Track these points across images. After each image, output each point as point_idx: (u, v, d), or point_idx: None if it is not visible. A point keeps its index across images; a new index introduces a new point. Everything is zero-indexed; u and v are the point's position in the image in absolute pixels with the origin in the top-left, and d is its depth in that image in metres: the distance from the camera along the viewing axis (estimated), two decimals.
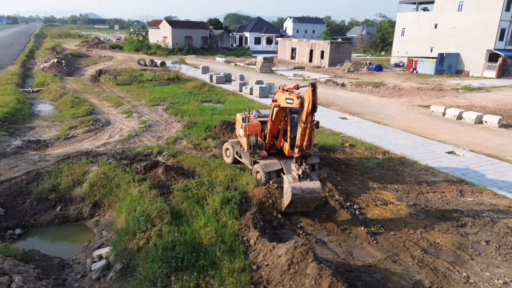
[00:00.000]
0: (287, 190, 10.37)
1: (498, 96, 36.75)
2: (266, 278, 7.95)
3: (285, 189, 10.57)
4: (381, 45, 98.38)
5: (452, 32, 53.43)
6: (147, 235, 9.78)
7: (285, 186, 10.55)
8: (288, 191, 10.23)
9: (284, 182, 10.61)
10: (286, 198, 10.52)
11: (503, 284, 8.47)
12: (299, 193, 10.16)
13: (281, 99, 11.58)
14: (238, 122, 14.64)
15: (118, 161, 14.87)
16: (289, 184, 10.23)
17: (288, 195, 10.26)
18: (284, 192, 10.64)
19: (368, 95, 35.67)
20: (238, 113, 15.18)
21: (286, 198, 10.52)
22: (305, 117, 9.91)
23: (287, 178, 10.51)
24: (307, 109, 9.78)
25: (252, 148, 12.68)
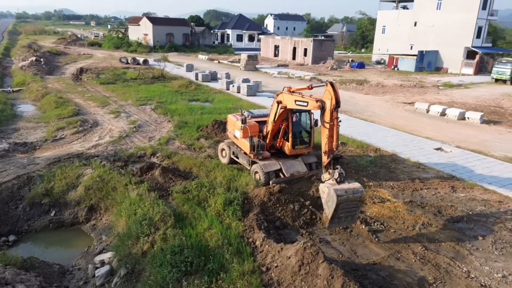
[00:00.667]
0: (328, 197, 9.45)
1: (477, 93, 37.89)
2: (277, 279, 8.01)
3: (325, 198, 9.60)
4: (361, 43, 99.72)
5: (431, 30, 54.68)
6: (151, 239, 9.67)
7: (324, 195, 9.64)
8: (331, 196, 9.30)
9: (322, 191, 9.76)
10: (329, 206, 9.45)
11: (502, 277, 8.80)
12: (343, 194, 9.25)
13: (288, 101, 11.59)
14: (231, 124, 14.56)
15: (112, 163, 14.61)
16: (329, 189, 9.40)
17: (332, 200, 9.27)
18: (325, 202, 9.62)
19: (353, 93, 36.14)
20: (229, 114, 15.11)
21: (329, 206, 9.45)
22: (330, 115, 9.76)
23: (324, 185, 9.73)
24: (331, 106, 9.68)
25: (256, 150, 12.68)
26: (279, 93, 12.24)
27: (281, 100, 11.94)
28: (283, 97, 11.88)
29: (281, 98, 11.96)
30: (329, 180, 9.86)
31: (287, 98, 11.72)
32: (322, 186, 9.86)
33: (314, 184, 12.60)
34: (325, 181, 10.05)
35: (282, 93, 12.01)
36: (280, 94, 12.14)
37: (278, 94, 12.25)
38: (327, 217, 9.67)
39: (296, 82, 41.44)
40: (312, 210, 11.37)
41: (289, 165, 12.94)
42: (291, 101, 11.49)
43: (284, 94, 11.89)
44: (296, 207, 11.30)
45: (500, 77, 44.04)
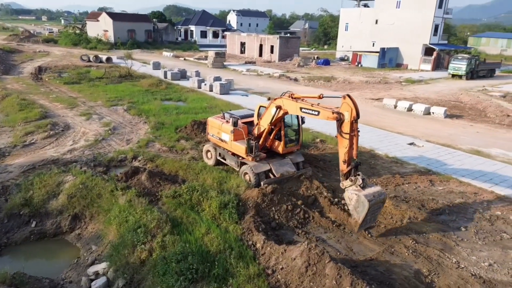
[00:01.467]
0: (357, 203, 10.02)
1: (437, 88, 39.90)
2: (284, 281, 8.10)
3: (353, 205, 10.15)
4: (324, 39, 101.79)
5: (392, 27, 56.81)
6: (148, 247, 9.43)
7: (352, 202, 10.17)
8: (362, 202, 9.89)
9: (349, 198, 10.26)
10: (359, 212, 10.03)
11: (488, 266, 9.41)
12: (372, 199, 9.91)
13: (291, 107, 11.61)
14: (213, 127, 14.33)
15: (92, 168, 14.05)
16: (358, 195, 9.97)
17: (363, 206, 9.86)
18: (353, 208, 10.16)
19: (322, 90, 36.82)
20: (210, 117, 14.88)
21: (359, 211, 10.03)
22: (350, 126, 10.05)
23: (351, 192, 10.22)
24: (351, 118, 9.98)
25: (254, 152, 12.67)
26: (278, 98, 12.18)
27: (281, 105, 11.93)
28: (284, 103, 11.88)
29: (281, 103, 11.94)
30: (352, 186, 10.26)
31: (289, 104, 11.74)
32: (349, 194, 10.28)
33: (303, 183, 12.80)
34: (345, 187, 10.46)
35: (282, 99, 11.98)
36: (279, 99, 12.09)
37: (276, 99, 12.20)
38: (357, 222, 10.14)
39: (265, 80, 41.68)
40: (305, 210, 11.55)
41: (279, 165, 13.05)
42: (294, 108, 11.53)
43: (285, 100, 11.88)
44: (289, 207, 11.44)
45: (456, 72, 46.56)
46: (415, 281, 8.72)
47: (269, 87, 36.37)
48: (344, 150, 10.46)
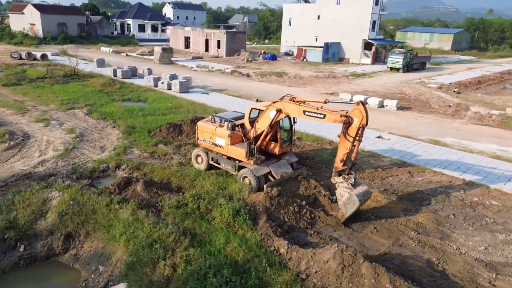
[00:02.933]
0: (348, 200, 11.07)
1: (381, 81, 42.51)
2: (321, 285, 8.31)
3: (343, 201, 11.20)
4: (264, 33, 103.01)
5: (333, 23, 59.23)
6: (170, 262, 9.06)
7: (343, 198, 11.19)
8: (353, 200, 10.99)
9: (341, 195, 11.32)
10: (348, 208, 11.11)
11: (484, 249, 10.46)
12: (362, 199, 11.15)
13: (293, 110, 11.72)
14: (205, 131, 13.93)
15: (75, 181, 13.01)
16: (350, 194, 11.04)
17: (354, 204, 10.99)
18: (343, 203, 11.22)
19: (277, 85, 37.45)
20: (200, 122, 14.46)
21: (348, 208, 11.11)
22: (356, 132, 10.67)
23: (343, 190, 11.25)
24: (360, 124, 10.54)
25: (256, 155, 12.61)
26: (277, 101, 12.21)
27: (281, 109, 11.99)
28: (284, 106, 11.95)
29: (281, 106, 11.98)
30: (343, 183, 10.98)
31: (290, 107, 11.84)
32: (341, 191, 11.10)
33: (302, 183, 13.09)
34: (336, 183, 11.16)
35: (283, 102, 12.04)
36: (278, 102, 12.12)
37: (276, 102, 12.23)
38: (344, 215, 11.09)
39: (218, 76, 41.32)
40: (310, 210, 11.85)
41: (277, 167, 13.18)
42: (297, 111, 11.67)
43: (285, 103, 11.95)
44: (295, 209, 11.67)
45: (394, 66, 50.00)
46: (430, 270, 9.45)
47: (225, 83, 36.14)
48: (344, 151, 11.05)
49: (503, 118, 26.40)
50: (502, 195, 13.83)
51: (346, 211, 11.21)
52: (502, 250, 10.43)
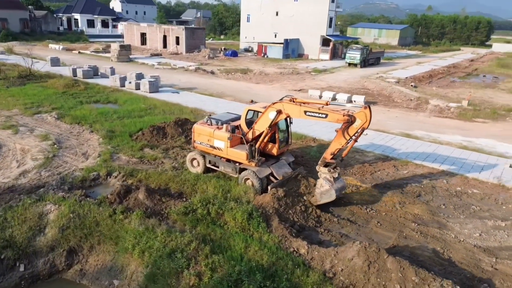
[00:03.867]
0: (327, 192, 12.02)
1: (342, 77, 43.95)
2: (349, 282, 8.60)
3: (322, 190, 12.09)
4: (219, 29, 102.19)
5: (291, 19, 60.14)
6: (195, 271, 8.91)
7: (323, 188, 12.09)
8: (330, 194, 11.99)
9: (322, 185, 12.12)
10: (324, 198, 12.10)
11: (479, 236, 11.34)
12: (339, 194, 12.29)
13: (294, 111, 11.84)
14: (203, 134, 13.67)
15: (68, 192, 12.29)
16: (330, 187, 11.96)
17: (330, 197, 12.00)
18: (321, 192, 12.13)
19: (245, 83, 37.49)
20: (196, 125, 14.13)
21: (324, 198, 12.09)
22: (355, 132, 11.17)
23: (324, 182, 12.07)
24: (362, 126, 11.00)
25: (257, 157, 12.63)
26: (277, 103, 12.31)
27: (281, 110, 12.10)
28: (284, 107, 12.06)
29: (281, 107, 12.09)
30: (327, 175, 12.04)
31: (290, 108, 11.97)
32: (322, 181, 12.03)
33: (302, 182, 13.36)
34: (320, 172, 12.19)
35: (283, 103, 12.14)
36: (278, 104, 12.21)
37: (276, 103, 12.31)
38: (316, 202, 12.32)
39: (183, 74, 40.51)
40: (314, 207, 12.14)
41: (278, 168, 13.31)
42: (297, 111, 11.81)
43: (285, 104, 12.07)
44: (302, 208, 11.92)
45: (352, 61, 51.92)
46: (438, 259, 10.10)
47: (192, 82, 35.57)
48: (337, 146, 11.68)
49: (461, 110, 28.47)
50: (480, 184, 15.01)
51: (320, 199, 12.23)
52: (494, 235, 11.38)
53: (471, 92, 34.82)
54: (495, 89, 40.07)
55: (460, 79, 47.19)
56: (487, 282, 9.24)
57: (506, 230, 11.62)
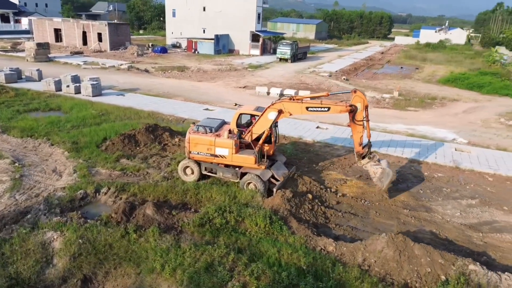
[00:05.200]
0: (383, 174, 13.07)
1: (278, 72, 45.27)
2: (384, 272, 9.33)
3: (378, 176, 13.20)
4: (138, 24, 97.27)
5: (220, 15, 59.90)
6: (238, 283, 8.87)
7: (378, 174, 13.25)
8: (387, 173, 13.04)
9: (374, 172, 13.38)
10: (385, 180, 13.09)
11: (460, 215, 13.00)
12: (391, 169, 13.55)
13: (295, 109, 12.27)
14: (199, 144, 13.21)
15: (62, 216, 11.14)
16: (383, 169, 13.18)
17: (388, 175, 13.04)
18: (379, 178, 13.20)
19: (187, 81, 36.68)
20: (191, 135, 13.55)
21: (385, 180, 13.09)
22: (362, 114, 12.47)
23: (375, 167, 13.34)
24: (363, 106, 12.26)
25: (262, 159, 12.80)
26: (276, 103, 12.56)
27: (282, 109, 12.39)
28: (285, 106, 12.40)
29: (282, 107, 12.40)
30: (370, 163, 13.18)
31: (292, 106, 12.34)
32: (373, 169, 13.14)
33: (299, 181, 13.87)
34: (363, 165, 13.38)
35: (283, 103, 12.45)
36: (278, 104, 12.50)
37: (275, 104, 12.56)
38: (382, 187, 13.32)
39: (116, 73, 38.16)
40: (318, 204, 12.75)
41: (276, 169, 13.59)
42: (299, 109, 12.25)
43: (285, 103, 12.39)
44: (309, 206, 12.42)
45: (283, 56, 53.69)
46: (439, 240, 11.42)
47: (132, 82, 33.80)
48: (359, 135, 12.63)
49: (395, 100, 31.53)
50: (440, 168, 17.04)
51: (382, 184, 13.20)
52: (471, 213, 13.15)
53: (399, 84, 38.54)
54: (412, 79, 44.83)
55: (379, 71, 51.69)
56: (483, 254, 10.74)
57: (478, 207, 13.50)
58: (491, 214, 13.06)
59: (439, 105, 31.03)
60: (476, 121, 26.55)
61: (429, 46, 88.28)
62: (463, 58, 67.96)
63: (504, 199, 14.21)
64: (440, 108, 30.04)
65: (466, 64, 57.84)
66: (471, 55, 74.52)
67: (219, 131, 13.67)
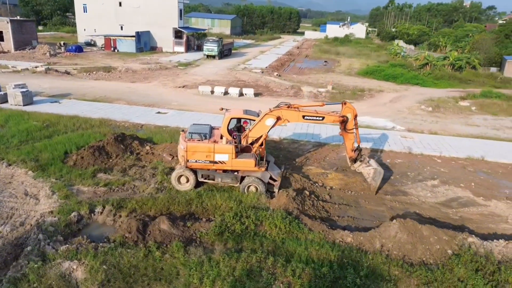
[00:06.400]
0: (375, 174, 14.17)
1: (211, 70, 44.99)
2: (402, 254, 10.42)
3: (371, 176, 14.26)
4: (36, 19, 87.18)
5: (139, 11, 57.10)
6: (283, 283, 9.18)
7: (370, 174, 14.33)
8: (378, 172, 14.18)
9: (367, 173, 14.47)
10: (377, 179, 14.23)
11: (431, 195, 14.86)
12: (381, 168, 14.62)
13: (292, 116, 12.77)
14: (197, 152, 12.97)
15: (69, 243, 10.15)
16: (375, 168, 14.26)
17: (380, 174, 14.21)
18: (372, 177, 14.27)
19: (120, 83, 34.64)
20: (188, 144, 13.15)
21: (377, 179, 14.23)
22: (352, 124, 13.51)
23: (366, 168, 14.41)
24: (353, 118, 13.20)
25: (261, 162, 13.12)
26: (275, 110, 12.99)
27: (280, 116, 12.81)
28: (283, 113, 12.91)
29: (280, 114, 12.86)
30: (362, 165, 14.28)
31: (289, 114, 12.87)
32: (366, 170, 14.25)
33: (291, 179, 14.49)
34: (356, 168, 14.49)
35: (281, 110, 12.90)
36: (276, 111, 12.95)
37: (273, 111, 12.95)
38: (375, 187, 14.41)
39: (33, 77, 34.40)
40: (316, 199, 13.54)
41: (272, 169, 13.96)
42: (296, 116, 12.80)
43: (283, 111, 12.88)
44: (310, 202, 13.13)
45: (210, 53, 53.43)
46: (425, 219, 12.99)
47: (59, 87, 30.78)
48: (351, 142, 13.62)
49: (330, 94, 33.85)
50: (397, 154, 19.10)
51: (376, 183, 14.32)
52: (438, 192, 15.15)
53: (331, 79, 41.21)
54: (335, 73, 48.30)
55: (303, 66, 54.52)
56: (464, 227, 12.58)
57: (441, 187, 15.60)
58: (453, 192, 15.22)
59: (369, 96, 34.19)
60: (403, 109, 29.96)
61: (338, 40, 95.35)
62: (369, 51, 74.95)
63: (457, 177, 16.61)
64: (370, 99, 33.13)
65: (373, 57, 64.01)
66: (375, 48, 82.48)
67: (212, 137, 13.58)
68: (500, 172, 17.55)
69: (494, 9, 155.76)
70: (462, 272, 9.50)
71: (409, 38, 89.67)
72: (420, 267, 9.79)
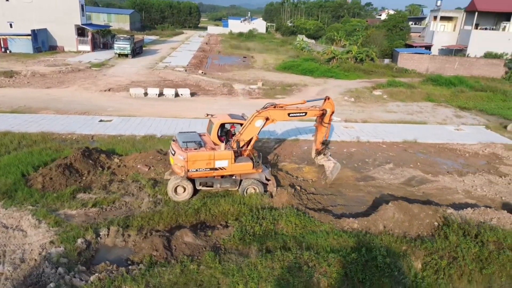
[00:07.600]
0: (334, 168, 15.32)
1: (128, 69, 42.67)
2: (403, 231, 11.93)
3: (331, 169, 15.32)
4: None
5: (32, 6, 50.89)
6: (320, 274, 9.91)
7: (330, 168, 15.36)
8: (337, 167, 15.44)
9: (328, 166, 15.46)
10: (334, 173, 15.42)
11: (393, 178, 16.97)
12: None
13: (279, 115, 13.35)
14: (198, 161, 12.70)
15: (95, 272, 9.36)
16: (334, 163, 15.49)
17: (337, 168, 15.45)
18: (330, 171, 15.35)
19: (34, 89, 30.99)
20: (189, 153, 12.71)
21: (334, 172, 15.41)
22: (328, 119, 14.45)
23: (328, 162, 15.48)
24: (331, 113, 14.24)
25: (257, 163, 13.56)
26: (262, 111, 13.37)
27: (269, 117, 13.36)
28: (270, 114, 13.48)
29: (268, 114, 13.42)
30: (324, 158, 15.57)
31: (276, 113, 13.45)
32: (327, 164, 15.44)
33: (279, 176, 15.21)
34: (319, 160, 15.84)
35: (268, 111, 13.38)
36: (264, 112, 13.40)
37: (261, 112, 13.36)
38: (331, 180, 15.57)
39: None
40: (307, 193, 14.53)
41: (264, 169, 14.43)
42: (282, 115, 13.53)
43: (271, 111, 13.46)
44: (305, 197, 14.06)
45: (122, 52, 50.40)
46: (400, 199, 14.93)
47: None
48: (322, 135, 15.11)
49: (262, 90, 35.13)
50: (349, 144, 21.09)
51: (332, 176, 15.47)
52: (397, 174, 17.39)
53: (256, 76, 42.37)
54: (254, 69, 49.80)
55: (221, 63, 54.88)
56: (431, 202, 14.82)
57: (397, 168, 17.92)
58: (408, 172, 17.63)
59: (297, 90, 36.37)
60: None
61: (243, 36, 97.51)
62: (275, 46, 78.48)
63: (404, 159, 19.21)
64: (299, 93, 35.28)
65: (283, 52, 67.39)
66: (280, 43, 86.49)
67: (206, 144, 13.54)
68: (433, 151, 20.75)
69: (371, 5, 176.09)
70: (455, 239, 11.42)
71: (308, 33, 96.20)
72: (422, 241, 11.46)
